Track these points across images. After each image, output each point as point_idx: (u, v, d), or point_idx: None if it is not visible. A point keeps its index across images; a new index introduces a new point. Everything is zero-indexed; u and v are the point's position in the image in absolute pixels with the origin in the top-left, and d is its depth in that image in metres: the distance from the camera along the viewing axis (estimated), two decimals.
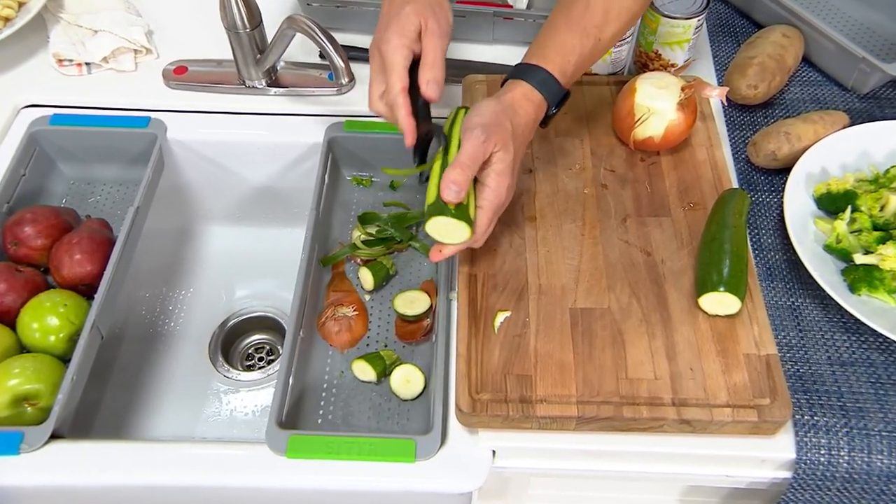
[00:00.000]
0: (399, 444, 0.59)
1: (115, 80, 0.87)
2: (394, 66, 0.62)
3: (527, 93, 0.63)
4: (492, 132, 0.59)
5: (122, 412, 0.80)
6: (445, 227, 0.59)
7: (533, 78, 0.63)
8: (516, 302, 0.64)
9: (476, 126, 0.59)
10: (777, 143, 0.74)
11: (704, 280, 0.61)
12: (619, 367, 0.60)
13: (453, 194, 0.58)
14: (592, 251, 0.67)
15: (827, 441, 0.59)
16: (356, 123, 0.83)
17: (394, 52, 0.62)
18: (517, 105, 0.62)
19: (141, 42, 0.87)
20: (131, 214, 0.74)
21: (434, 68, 0.63)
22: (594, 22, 0.63)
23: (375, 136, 0.82)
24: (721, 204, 0.67)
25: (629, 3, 0.64)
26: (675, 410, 0.57)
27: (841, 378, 0.63)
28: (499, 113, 0.61)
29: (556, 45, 0.64)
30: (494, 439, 0.60)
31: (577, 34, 0.63)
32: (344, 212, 0.84)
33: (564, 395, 0.58)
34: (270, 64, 0.83)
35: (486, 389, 0.59)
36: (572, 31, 0.64)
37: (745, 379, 0.59)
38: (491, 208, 0.60)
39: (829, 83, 0.86)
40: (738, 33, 0.92)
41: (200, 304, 0.92)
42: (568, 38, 0.63)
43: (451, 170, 0.58)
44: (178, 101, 0.86)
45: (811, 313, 0.67)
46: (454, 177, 0.58)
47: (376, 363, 0.70)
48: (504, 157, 0.60)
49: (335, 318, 0.74)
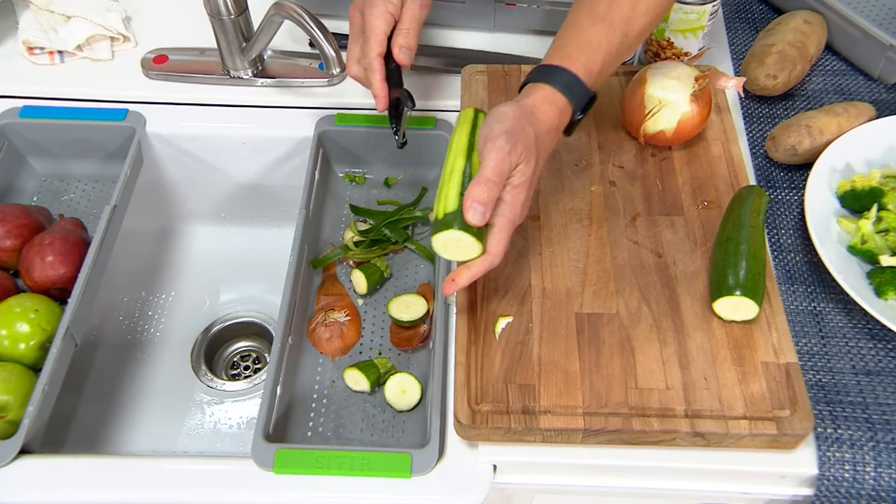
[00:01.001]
0: (393, 459, 0.59)
1: (89, 70, 0.87)
2: (374, 30, 0.66)
3: (549, 96, 0.60)
4: (517, 140, 0.56)
5: (97, 425, 0.80)
6: (455, 243, 0.56)
7: (556, 80, 0.60)
8: (518, 307, 0.64)
9: (500, 134, 0.56)
10: (797, 137, 0.73)
11: (719, 283, 0.61)
12: (629, 376, 0.60)
13: (479, 216, 0.55)
14: (600, 252, 0.67)
15: (851, 456, 0.59)
16: (348, 116, 0.83)
17: (377, 16, 0.66)
18: (539, 110, 0.59)
19: (118, 29, 0.87)
20: (107, 213, 0.74)
21: (409, 35, 0.67)
22: (621, 15, 0.61)
23: (369, 130, 0.82)
24: (737, 202, 0.67)
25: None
26: (688, 422, 0.57)
27: (866, 388, 0.62)
28: (520, 119, 0.58)
29: (580, 42, 0.61)
30: (495, 453, 0.60)
31: (602, 29, 0.60)
32: (336, 211, 0.84)
33: (570, 406, 0.58)
34: (257, 53, 0.83)
35: (486, 400, 0.59)
36: (597, 27, 0.61)
37: (764, 389, 0.59)
38: (507, 224, 0.57)
39: (853, 72, 0.85)
40: (757, 20, 0.92)
41: (182, 308, 0.92)
42: (593, 34, 0.61)
43: (476, 186, 0.55)
44: (157, 92, 0.86)
45: (834, 319, 0.66)
46: (480, 196, 0.55)
47: (369, 372, 0.70)
48: (525, 169, 0.57)
49: (326, 324, 0.74)
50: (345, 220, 0.84)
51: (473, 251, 0.57)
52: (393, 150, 0.84)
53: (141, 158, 0.84)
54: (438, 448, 0.60)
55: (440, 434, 0.61)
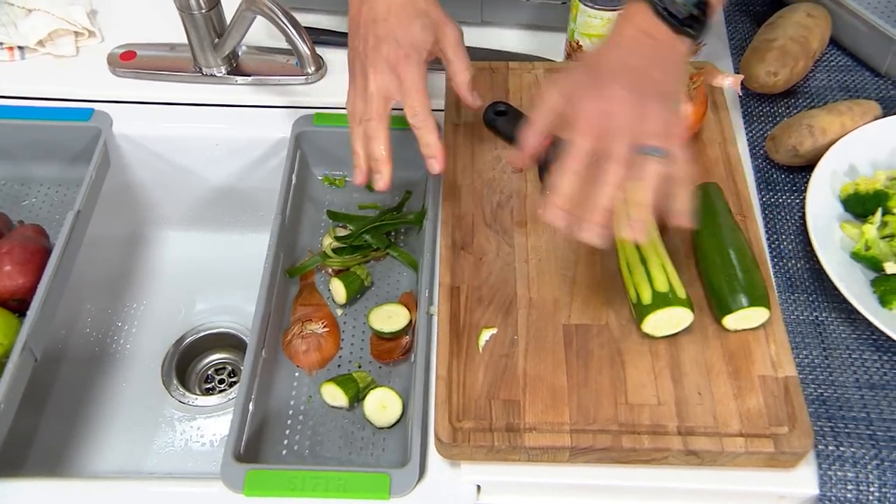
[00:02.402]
0: (371, 479, 0.59)
1: (52, 67, 0.87)
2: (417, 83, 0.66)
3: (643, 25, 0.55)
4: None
5: (60, 445, 0.80)
6: (668, 319, 0.61)
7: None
8: (503, 317, 0.64)
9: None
10: (799, 138, 0.74)
11: (724, 299, 0.61)
12: (618, 390, 0.60)
13: (642, 229, 0.53)
14: (589, 260, 0.68)
15: (854, 475, 0.59)
16: (327, 116, 0.83)
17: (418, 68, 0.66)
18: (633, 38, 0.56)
19: (82, 23, 0.87)
20: (70, 220, 0.74)
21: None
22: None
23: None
24: (704, 205, 0.67)
25: None
26: (680, 440, 0.57)
27: (870, 403, 0.63)
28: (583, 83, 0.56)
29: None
30: (479, 472, 0.60)
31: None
32: (314, 215, 0.84)
33: (556, 423, 0.58)
34: (230, 49, 0.83)
35: (468, 417, 0.59)
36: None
37: (761, 404, 0.59)
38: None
39: (859, 68, 0.86)
40: (758, 13, 0.92)
41: (154, 319, 0.92)
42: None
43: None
44: (125, 90, 0.86)
45: (837, 329, 0.67)
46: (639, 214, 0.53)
47: (348, 387, 0.70)
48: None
49: (303, 336, 0.74)
50: (324, 225, 0.84)
51: (687, 319, 0.61)
52: None
53: (108, 161, 0.84)
54: (419, 467, 0.60)
55: (421, 452, 0.61)
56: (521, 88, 0.80)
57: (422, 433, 0.62)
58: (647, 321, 0.61)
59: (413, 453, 0.60)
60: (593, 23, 0.79)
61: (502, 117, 0.76)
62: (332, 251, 0.79)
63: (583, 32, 0.80)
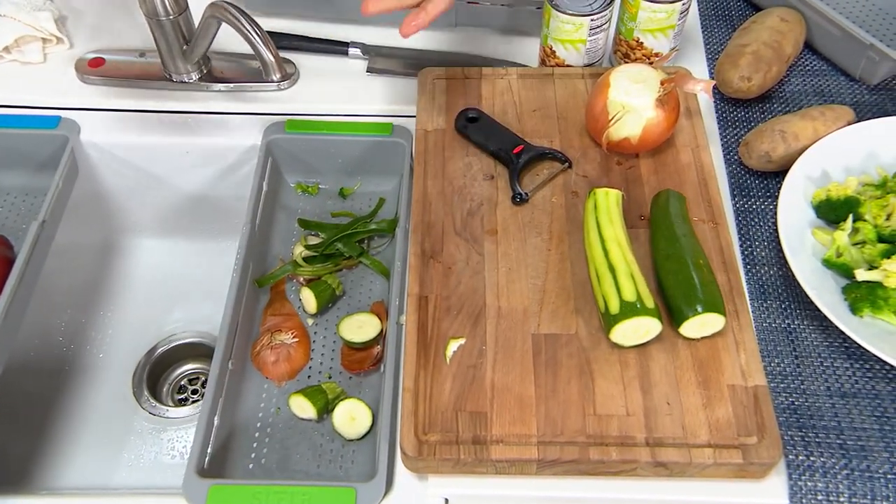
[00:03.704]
0: (337, 493, 0.59)
1: (18, 74, 0.86)
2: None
3: None
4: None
5: (26, 458, 0.79)
6: (634, 328, 0.60)
7: None
8: (472, 328, 0.64)
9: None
10: (771, 143, 0.74)
11: (679, 307, 0.61)
12: (587, 401, 0.59)
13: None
14: (559, 268, 0.67)
15: (824, 485, 0.59)
16: (300, 123, 0.83)
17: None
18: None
19: (50, 30, 0.86)
20: (35, 229, 0.73)
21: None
22: None
23: (322, 137, 0.82)
24: (659, 211, 0.67)
25: None
26: (648, 451, 0.57)
27: (841, 412, 0.62)
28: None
29: None
30: (446, 486, 0.60)
31: None
32: (286, 224, 0.84)
33: (523, 436, 0.58)
34: (199, 56, 0.82)
35: (434, 429, 0.59)
36: None
37: (730, 414, 0.59)
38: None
39: (834, 73, 0.86)
40: (734, 17, 0.92)
41: (125, 329, 0.91)
42: None
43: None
44: (93, 97, 0.85)
45: (808, 337, 0.66)
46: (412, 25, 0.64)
47: (316, 398, 0.69)
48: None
49: (272, 347, 0.74)
50: (296, 233, 0.83)
51: (655, 329, 0.61)
52: (348, 158, 0.84)
53: (76, 169, 0.83)
54: (386, 481, 0.59)
55: (388, 465, 0.60)
56: (494, 95, 0.80)
57: (389, 446, 0.61)
58: (615, 331, 0.60)
59: (380, 466, 0.60)
60: (565, 28, 0.78)
61: (474, 124, 0.76)
62: (302, 260, 0.79)
63: (556, 38, 0.80)
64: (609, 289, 0.61)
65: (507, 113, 0.78)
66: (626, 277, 0.61)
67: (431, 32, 0.91)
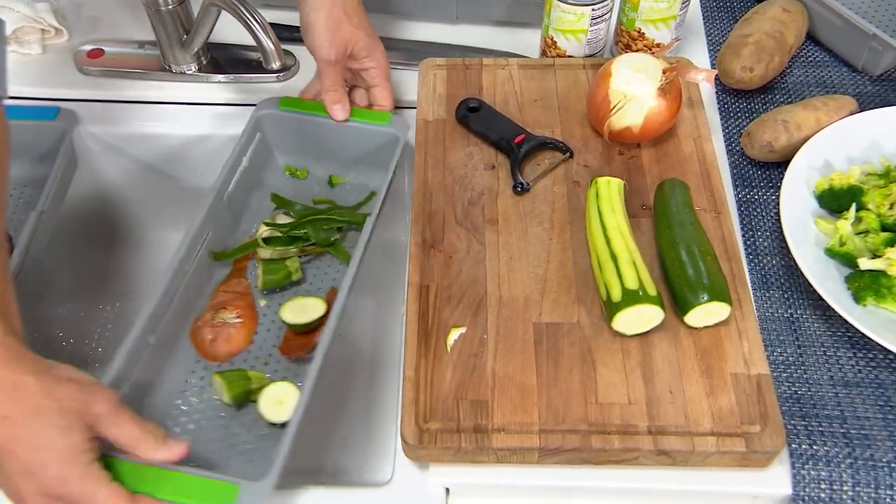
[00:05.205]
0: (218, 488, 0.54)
1: (17, 65, 0.86)
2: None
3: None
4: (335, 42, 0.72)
5: None
6: (637, 316, 0.60)
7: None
8: (473, 317, 0.63)
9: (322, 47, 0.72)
10: (774, 133, 0.73)
11: (685, 295, 0.61)
12: (588, 390, 0.59)
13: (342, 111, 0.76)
14: (561, 258, 0.67)
15: (828, 474, 0.59)
16: (294, 101, 0.79)
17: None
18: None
19: (48, 21, 0.86)
20: (33, 220, 0.73)
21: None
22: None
23: (318, 119, 0.78)
24: (664, 200, 0.67)
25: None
26: (651, 440, 0.57)
27: (844, 401, 0.62)
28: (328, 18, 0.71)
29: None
30: (447, 475, 0.60)
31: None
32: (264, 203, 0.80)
33: (525, 424, 0.58)
34: (198, 46, 0.82)
35: (435, 418, 0.58)
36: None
37: (733, 402, 0.58)
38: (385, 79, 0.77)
39: (836, 64, 0.86)
40: (735, 8, 0.92)
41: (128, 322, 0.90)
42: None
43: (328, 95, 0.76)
44: (92, 89, 0.85)
45: (811, 326, 0.66)
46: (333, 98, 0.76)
47: (235, 384, 0.65)
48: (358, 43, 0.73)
49: (212, 325, 0.69)
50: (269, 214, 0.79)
51: (657, 317, 0.60)
52: (342, 145, 0.81)
53: (75, 160, 0.83)
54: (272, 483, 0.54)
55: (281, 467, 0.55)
56: (495, 84, 0.80)
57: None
58: (617, 319, 0.60)
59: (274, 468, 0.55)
60: (567, 18, 0.78)
61: (474, 113, 0.76)
62: (262, 240, 0.75)
63: (557, 28, 0.80)
64: (611, 277, 0.61)
65: (508, 103, 0.78)
66: (629, 265, 0.61)
67: (432, 24, 0.91)
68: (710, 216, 0.69)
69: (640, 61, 0.71)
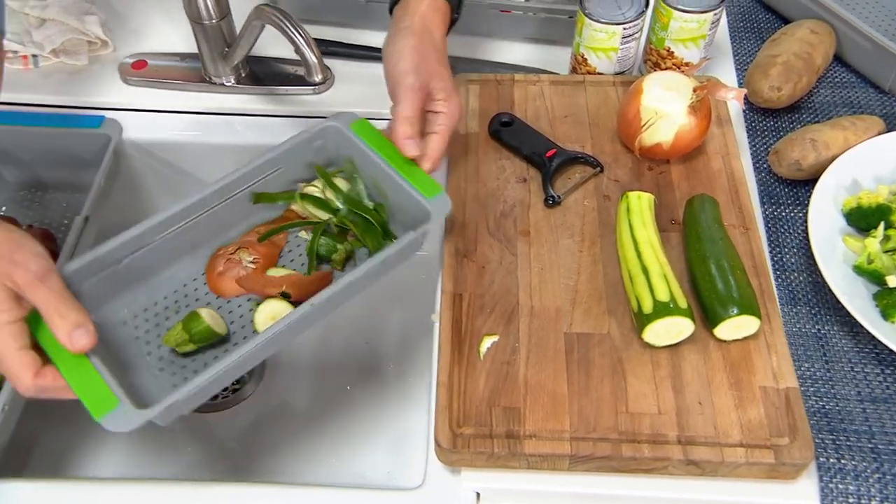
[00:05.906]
0: (104, 395, 0.53)
1: (65, 75, 0.89)
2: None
3: (433, 3, 0.69)
4: (421, 70, 0.67)
5: (63, 448, 0.80)
6: (668, 328, 0.61)
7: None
8: (505, 325, 0.65)
9: (406, 74, 0.66)
10: (802, 152, 0.74)
11: (715, 308, 0.62)
12: (619, 399, 0.60)
13: (414, 147, 0.66)
14: (592, 270, 0.68)
15: (856, 488, 0.59)
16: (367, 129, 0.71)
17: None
18: (430, 24, 0.69)
19: (96, 33, 0.89)
20: (78, 224, 0.75)
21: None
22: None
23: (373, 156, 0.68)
24: (694, 215, 0.68)
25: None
26: (680, 449, 0.58)
27: (872, 416, 0.63)
28: (418, 46, 0.67)
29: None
30: (478, 479, 0.61)
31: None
32: None
33: (557, 431, 0.59)
34: (239, 59, 0.85)
35: (468, 423, 0.60)
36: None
37: (762, 415, 0.59)
38: (448, 130, 0.68)
39: (863, 85, 0.87)
40: (762, 29, 0.93)
41: None
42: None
43: (400, 126, 0.66)
44: (136, 98, 0.88)
45: (839, 342, 0.67)
46: (406, 132, 0.66)
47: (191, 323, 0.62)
48: (441, 84, 0.67)
49: (228, 257, 0.68)
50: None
51: (688, 329, 0.62)
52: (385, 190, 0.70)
53: (118, 167, 0.85)
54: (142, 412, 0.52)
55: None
56: (527, 100, 0.82)
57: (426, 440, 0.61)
58: (647, 330, 0.61)
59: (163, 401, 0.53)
60: (598, 36, 0.80)
61: (507, 128, 0.78)
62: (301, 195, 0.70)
63: (588, 46, 0.82)
64: (642, 289, 0.62)
65: (540, 118, 0.80)
66: (660, 278, 0.62)
67: (465, 38, 0.93)
68: (738, 232, 0.70)
69: (671, 79, 0.73)
